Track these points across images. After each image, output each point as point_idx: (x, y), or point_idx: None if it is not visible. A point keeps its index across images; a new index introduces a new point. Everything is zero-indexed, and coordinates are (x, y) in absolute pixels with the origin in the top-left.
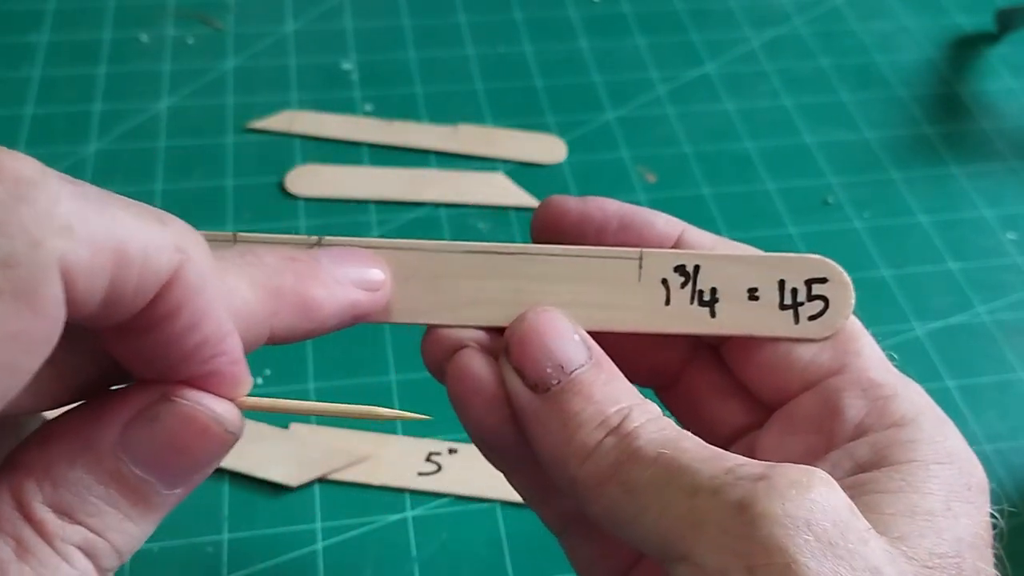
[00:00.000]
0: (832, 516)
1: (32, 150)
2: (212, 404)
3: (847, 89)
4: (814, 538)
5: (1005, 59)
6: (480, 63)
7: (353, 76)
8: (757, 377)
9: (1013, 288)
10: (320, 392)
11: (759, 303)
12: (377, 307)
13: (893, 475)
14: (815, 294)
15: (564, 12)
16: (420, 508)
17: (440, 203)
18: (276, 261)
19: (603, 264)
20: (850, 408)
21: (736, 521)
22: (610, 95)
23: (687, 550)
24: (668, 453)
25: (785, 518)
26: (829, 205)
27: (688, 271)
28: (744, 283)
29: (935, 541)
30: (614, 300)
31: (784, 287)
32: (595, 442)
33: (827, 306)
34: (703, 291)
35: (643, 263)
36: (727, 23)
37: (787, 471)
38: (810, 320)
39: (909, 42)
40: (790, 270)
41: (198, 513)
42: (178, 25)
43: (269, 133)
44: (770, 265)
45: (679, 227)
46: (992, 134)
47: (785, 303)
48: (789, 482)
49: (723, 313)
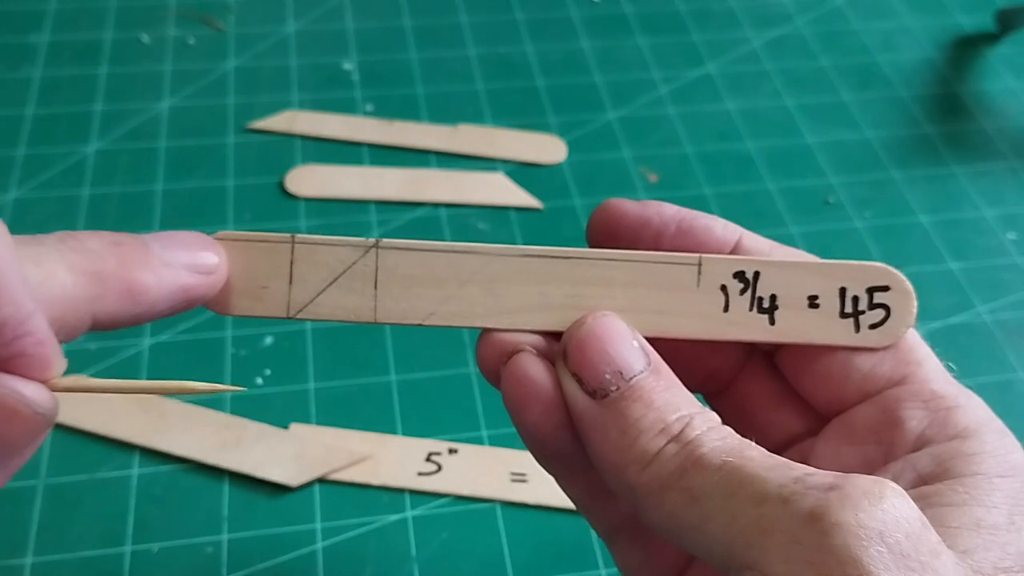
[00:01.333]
0: (905, 528)
1: (33, 150)
2: (18, 386)
3: (848, 89)
4: (887, 550)
5: (1006, 59)
6: (481, 63)
7: (354, 76)
8: (814, 385)
9: (1013, 288)
10: (320, 392)
11: (819, 311)
12: (212, 291)
13: (957, 488)
14: (876, 302)
15: (565, 12)
16: (420, 508)
17: (440, 203)
18: (99, 246)
19: (662, 269)
20: (911, 419)
21: (808, 531)
22: (611, 95)
23: (755, 559)
24: (733, 461)
25: (859, 528)
26: (830, 205)
27: (748, 277)
28: (804, 290)
29: (1000, 555)
30: (672, 306)
31: (845, 295)
32: (656, 449)
33: (888, 315)
34: (763, 298)
35: (702, 269)
36: (728, 23)
37: (859, 481)
38: (871, 329)
39: (910, 42)
40: (851, 277)
41: (198, 513)
42: (179, 25)
43: (270, 133)
44: (831, 272)
45: (737, 232)
46: (993, 134)
47: (846, 311)
48: (862, 492)
49: (782, 320)
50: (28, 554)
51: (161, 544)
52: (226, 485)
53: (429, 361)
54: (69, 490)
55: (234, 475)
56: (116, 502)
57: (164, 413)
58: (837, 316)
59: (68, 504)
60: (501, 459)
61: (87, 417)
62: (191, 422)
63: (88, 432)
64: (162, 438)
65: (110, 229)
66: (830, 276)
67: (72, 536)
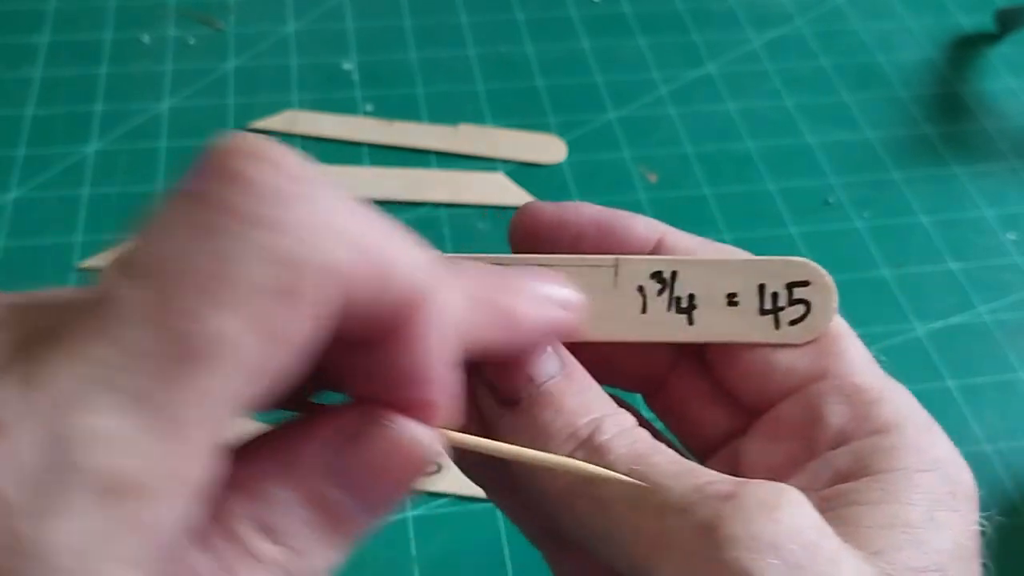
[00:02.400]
0: (800, 538)
1: (33, 150)
2: (420, 433)
3: (848, 89)
4: (781, 562)
5: (1006, 59)
6: (481, 63)
7: (354, 76)
8: (739, 383)
9: (1013, 288)
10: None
11: (738, 308)
12: (573, 328)
13: (873, 485)
14: (796, 298)
15: (565, 12)
16: (421, 508)
17: (440, 203)
18: (479, 271)
19: (578, 272)
20: (832, 415)
21: (702, 543)
22: (611, 95)
23: (652, 571)
24: (639, 469)
25: (751, 541)
26: (830, 205)
27: (665, 277)
28: (723, 288)
29: (913, 554)
30: (592, 308)
31: (764, 291)
32: (565, 455)
33: (809, 310)
34: (680, 298)
35: (618, 270)
36: (728, 23)
37: (756, 490)
38: (791, 325)
39: (910, 42)
40: (770, 274)
41: None
42: (179, 26)
43: (270, 133)
44: (749, 269)
45: (659, 230)
46: (993, 134)
47: (765, 308)
48: (756, 502)
49: (701, 320)
50: None
51: None
52: None
53: None
54: None
55: None
56: None
57: None
58: (756, 313)
59: None
60: None
61: None
62: None
63: None
64: None
65: (110, 229)
66: (749, 273)
67: None
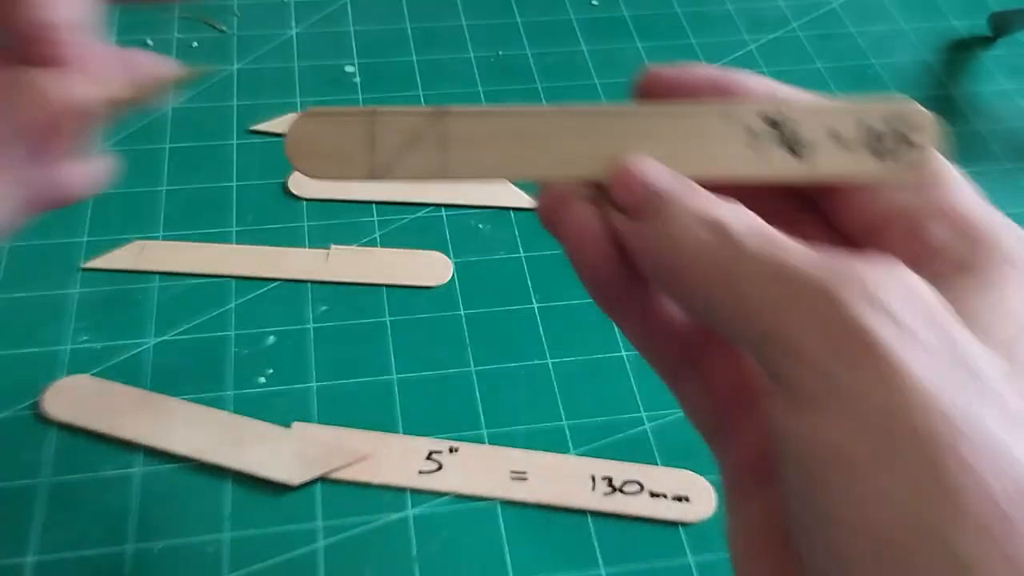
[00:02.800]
0: (918, 299)
1: None
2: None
3: (843, 92)
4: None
5: (999, 62)
6: (481, 66)
7: (356, 79)
8: (844, 215)
9: None
10: (322, 391)
11: (847, 149)
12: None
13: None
14: (904, 137)
15: (564, 15)
16: (421, 507)
17: (441, 204)
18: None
19: (689, 119)
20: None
21: (826, 303)
22: (610, 97)
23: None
24: (769, 248)
25: (873, 298)
26: None
27: (774, 120)
28: (832, 130)
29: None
30: (704, 152)
31: (872, 132)
32: (698, 241)
33: (916, 149)
34: (790, 139)
35: (729, 113)
36: (725, 26)
37: (876, 258)
38: (899, 164)
39: (905, 45)
40: (877, 115)
41: (200, 512)
42: (183, 29)
43: (273, 135)
44: (857, 111)
45: (772, 87)
46: (987, 136)
47: (874, 148)
48: (879, 268)
49: (812, 160)
50: (30, 552)
51: (163, 543)
52: (228, 484)
53: (430, 360)
54: (71, 489)
55: (236, 474)
56: (118, 501)
57: (167, 412)
58: (866, 153)
59: (70, 503)
60: (502, 458)
61: (90, 416)
62: (193, 421)
63: (91, 431)
64: (164, 437)
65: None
66: (857, 114)
67: (74, 535)
